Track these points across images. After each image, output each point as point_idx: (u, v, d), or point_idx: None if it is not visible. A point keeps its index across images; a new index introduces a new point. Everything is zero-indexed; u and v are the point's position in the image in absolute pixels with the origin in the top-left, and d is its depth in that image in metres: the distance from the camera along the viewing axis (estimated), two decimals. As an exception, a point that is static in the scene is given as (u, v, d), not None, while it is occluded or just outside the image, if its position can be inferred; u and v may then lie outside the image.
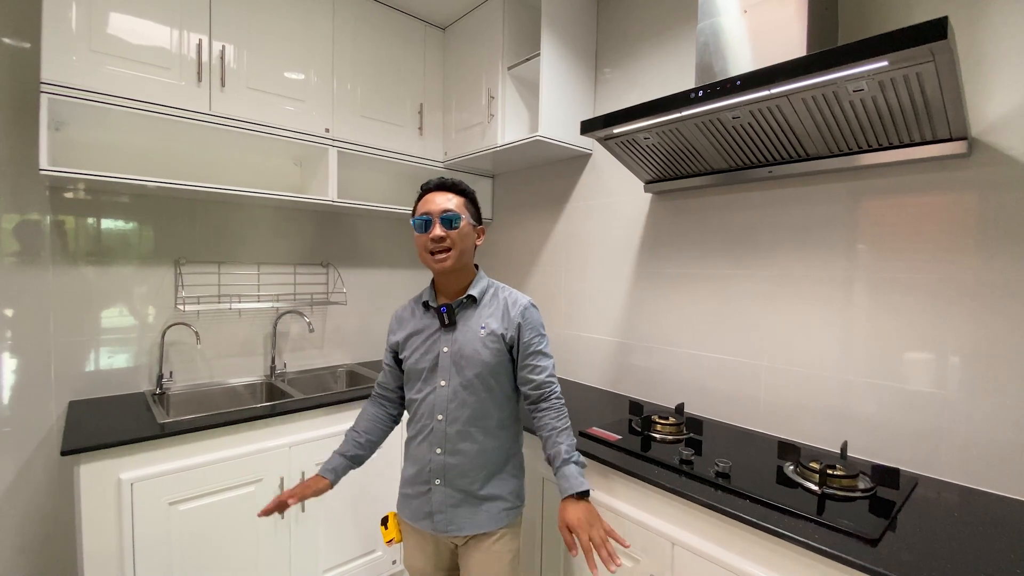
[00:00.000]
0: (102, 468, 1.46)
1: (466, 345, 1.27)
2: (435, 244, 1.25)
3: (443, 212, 1.25)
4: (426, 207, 1.27)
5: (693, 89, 1.34)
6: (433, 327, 1.31)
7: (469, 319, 1.30)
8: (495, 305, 1.33)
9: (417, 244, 1.30)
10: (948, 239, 1.33)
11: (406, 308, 1.40)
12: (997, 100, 1.25)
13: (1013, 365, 1.23)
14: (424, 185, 1.32)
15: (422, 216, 1.27)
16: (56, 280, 1.83)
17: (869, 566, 0.93)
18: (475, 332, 1.28)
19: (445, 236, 1.24)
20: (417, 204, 1.32)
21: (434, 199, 1.28)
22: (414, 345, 1.32)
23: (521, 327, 1.30)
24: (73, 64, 1.57)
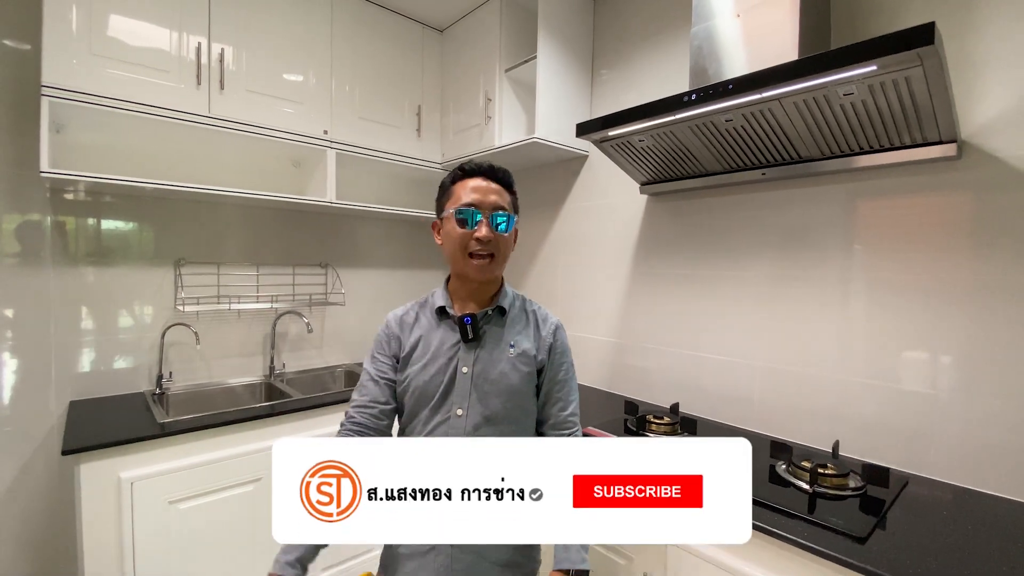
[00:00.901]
0: (102, 467, 1.48)
1: (491, 366, 1.04)
2: (480, 246, 1.02)
3: (495, 209, 1.03)
4: (473, 196, 1.02)
5: (686, 92, 1.35)
6: (450, 340, 1.06)
7: (496, 335, 1.08)
8: (523, 320, 1.13)
9: (451, 240, 1.05)
10: (940, 240, 1.34)
11: (408, 312, 1.13)
12: (986, 103, 1.27)
13: (1005, 365, 1.25)
14: (466, 166, 1.07)
15: (467, 207, 1.02)
16: (57, 281, 1.85)
17: (857, 563, 0.94)
18: (503, 351, 1.06)
19: (493, 238, 1.03)
20: (453, 187, 1.06)
21: (483, 188, 1.04)
22: (423, 359, 1.06)
23: (552, 350, 1.12)
24: (74, 67, 1.59)
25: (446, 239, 1.07)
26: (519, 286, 2.65)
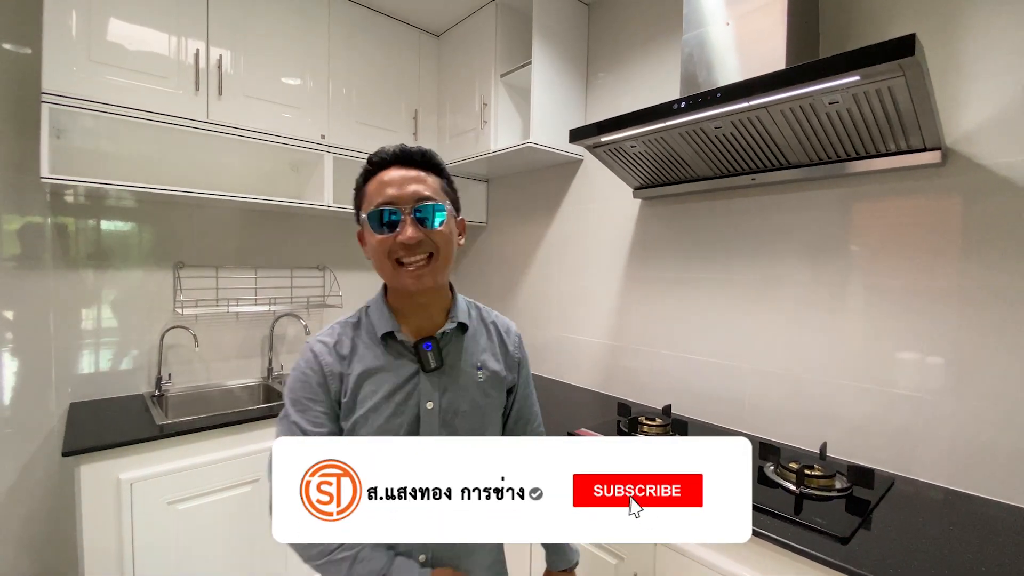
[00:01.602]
0: (102, 468, 1.50)
1: (460, 395, 0.90)
2: (408, 252, 0.85)
3: (417, 201, 0.85)
4: (388, 193, 0.84)
5: (676, 100, 1.38)
6: (405, 370, 0.88)
7: (459, 357, 0.92)
8: (484, 333, 0.98)
9: (373, 251, 0.87)
10: (927, 245, 1.36)
11: (341, 341, 0.90)
12: (970, 111, 1.29)
13: (992, 368, 1.27)
14: (374, 157, 0.88)
15: (383, 207, 0.84)
16: (57, 283, 1.87)
17: (838, 563, 0.97)
18: (470, 376, 0.92)
19: (424, 238, 0.84)
20: (366, 187, 0.88)
21: (399, 179, 0.85)
22: (373, 398, 0.86)
23: (521, 366, 1.01)
24: (73, 74, 1.61)
25: (368, 250, 0.89)
26: (515, 288, 2.68)
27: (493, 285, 2.83)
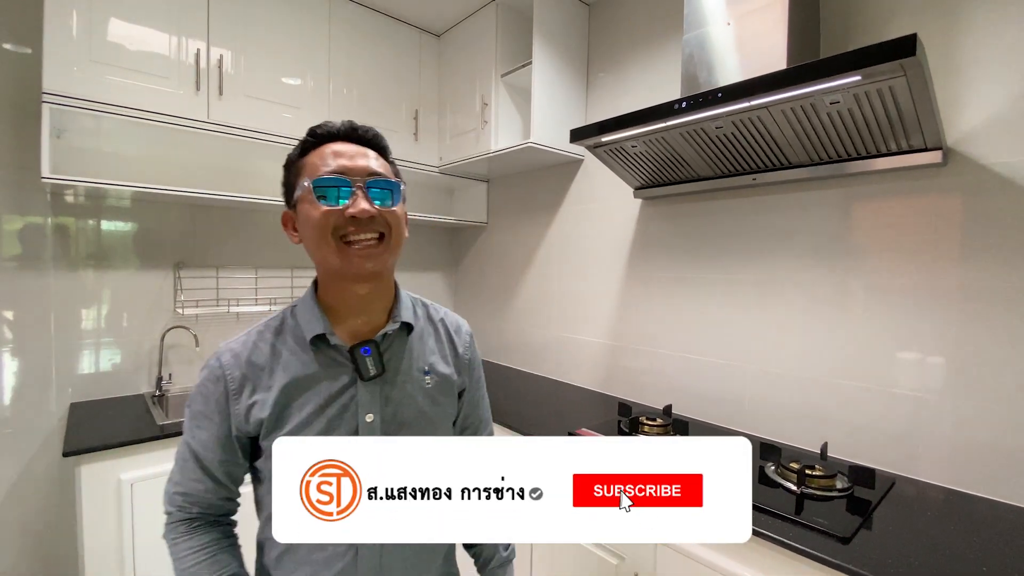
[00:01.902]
0: (103, 469, 1.50)
1: (405, 404, 0.81)
2: (358, 228, 0.73)
3: (370, 176, 0.75)
4: (337, 163, 0.74)
5: (677, 100, 1.38)
6: (339, 378, 0.78)
7: (403, 361, 0.82)
8: (431, 332, 0.88)
9: (312, 227, 0.74)
10: (929, 245, 1.36)
11: (258, 349, 0.78)
12: (971, 111, 1.29)
13: (993, 368, 1.26)
14: (319, 130, 0.78)
15: (331, 177, 0.73)
16: (57, 283, 1.87)
17: (839, 563, 0.97)
18: (416, 381, 0.83)
19: (377, 215, 0.74)
20: (304, 159, 0.78)
21: (349, 152, 0.76)
22: (301, 413, 0.75)
23: (471, 366, 0.93)
24: (74, 75, 1.61)
25: (305, 228, 0.76)
26: (517, 288, 2.68)
27: (493, 285, 2.83)
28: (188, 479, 0.79)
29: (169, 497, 0.80)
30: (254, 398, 0.75)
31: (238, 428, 0.76)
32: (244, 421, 0.76)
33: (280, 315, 0.82)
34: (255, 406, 0.75)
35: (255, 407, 0.75)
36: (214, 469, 0.78)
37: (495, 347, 2.83)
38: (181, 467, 0.80)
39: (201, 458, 0.77)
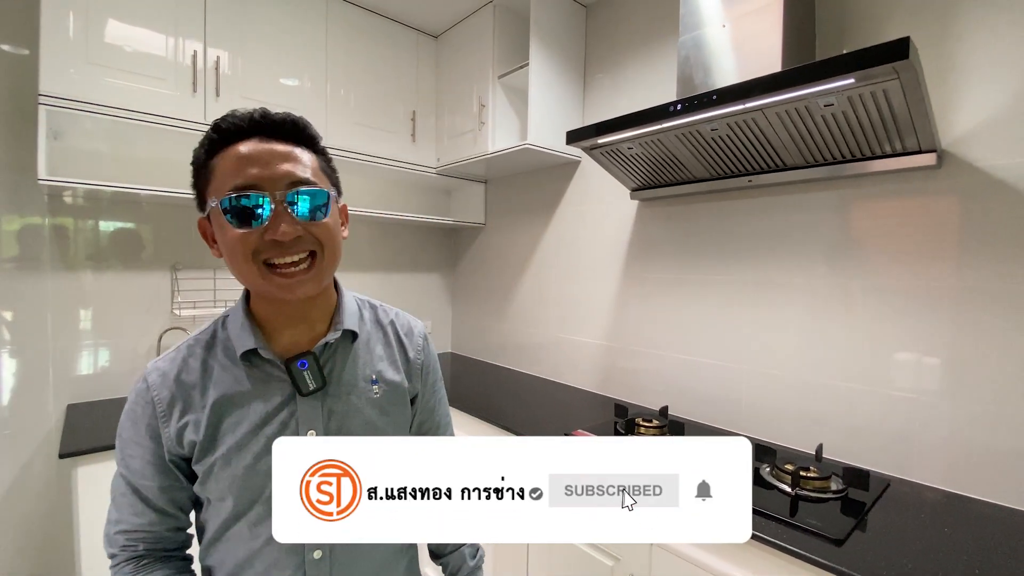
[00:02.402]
0: (100, 470, 1.49)
1: (352, 418, 0.76)
2: (281, 252, 0.66)
3: (292, 185, 0.65)
4: (248, 172, 0.63)
5: (672, 102, 1.38)
6: (276, 394, 0.72)
7: (347, 370, 0.77)
8: (379, 338, 0.83)
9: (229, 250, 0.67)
10: (925, 247, 1.37)
11: (188, 366, 0.72)
12: (965, 114, 1.30)
13: (990, 370, 1.27)
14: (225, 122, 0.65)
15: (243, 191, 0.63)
16: (55, 284, 1.87)
17: (832, 565, 0.97)
18: (362, 392, 0.78)
19: (303, 234, 0.66)
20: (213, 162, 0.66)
21: (262, 155, 0.65)
22: (237, 433, 0.70)
23: (425, 371, 0.87)
24: (71, 76, 1.61)
25: (223, 248, 0.68)
26: (514, 289, 2.68)
27: (491, 286, 2.83)
28: (128, 514, 0.72)
29: (110, 539, 0.73)
30: (185, 419, 0.70)
31: (171, 452, 0.70)
32: (177, 444, 0.70)
33: (211, 327, 0.76)
34: (187, 427, 0.69)
35: (187, 428, 0.69)
36: (155, 498, 0.71)
37: (492, 347, 2.83)
38: (118, 503, 0.73)
39: (139, 488, 0.71)
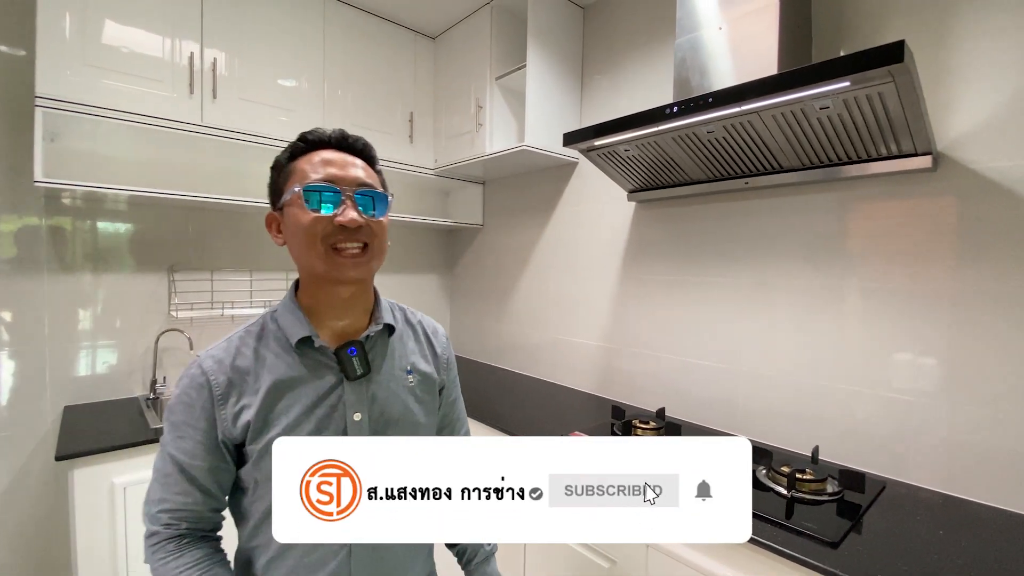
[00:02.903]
0: (96, 473, 1.50)
1: (390, 403, 0.84)
2: (347, 236, 0.76)
3: (360, 187, 0.78)
4: (328, 171, 0.77)
5: (668, 105, 1.38)
6: (325, 379, 0.80)
7: (387, 361, 0.86)
8: (410, 334, 0.92)
9: (300, 232, 0.76)
10: (921, 249, 1.37)
11: (240, 352, 0.79)
12: (960, 116, 1.30)
13: (986, 371, 1.27)
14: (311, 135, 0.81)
15: (321, 184, 0.76)
16: (51, 286, 1.87)
17: (827, 568, 0.97)
18: (400, 380, 0.86)
19: (363, 223, 0.77)
20: (294, 164, 0.80)
21: (339, 161, 0.78)
22: (288, 414, 0.77)
23: (448, 367, 0.97)
24: (67, 78, 1.60)
25: (292, 232, 0.78)
26: (512, 290, 2.69)
27: (489, 287, 2.83)
28: (174, 493, 0.76)
29: (152, 517, 0.77)
30: (241, 403, 0.76)
31: (225, 434, 0.76)
32: (232, 426, 0.76)
33: (260, 320, 0.83)
34: (243, 411, 0.76)
35: (243, 412, 0.76)
36: (203, 479, 0.76)
37: (490, 349, 2.83)
38: (163, 482, 0.77)
39: (187, 468, 0.76)
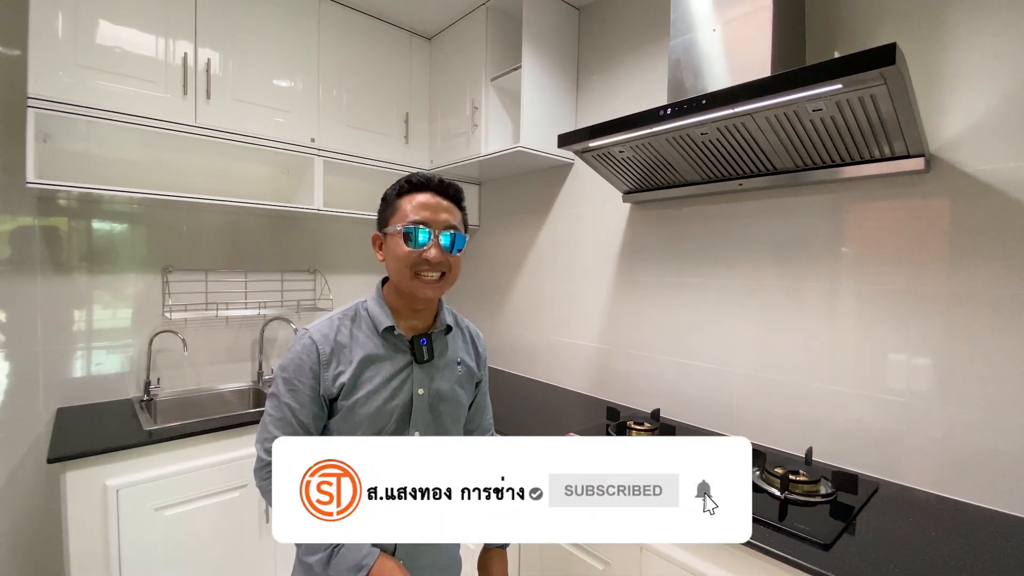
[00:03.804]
0: (88, 475, 1.49)
1: (444, 385, 1.05)
2: (429, 268, 0.97)
3: (447, 228, 0.98)
4: (424, 214, 0.97)
5: (662, 107, 1.39)
6: (400, 360, 1.01)
7: (444, 353, 1.07)
8: (460, 336, 1.15)
9: (396, 259, 0.98)
10: (915, 251, 1.37)
11: (339, 330, 1.01)
12: (952, 118, 1.31)
13: (979, 372, 1.27)
14: (414, 179, 1.01)
15: (416, 225, 0.96)
16: (44, 287, 1.85)
17: (820, 570, 0.97)
18: (452, 368, 1.08)
19: (443, 260, 0.97)
20: (399, 201, 1.00)
21: (433, 205, 0.98)
22: (372, 382, 0.97)
23: (484, 363, 1.20)
24: (60, 79, 1.59)
25: (391, 256, 1.00)
26: (508, 291, 2.69)
27: (485, 287, 2.83)
28: (283, 432, 0.95)
29: (266, 449, 0.94)
30: (339, 368, 0.97)
31: (325, 390, 0.96)
32: (331, 384, 0.96)
33: (354, 308, 1.06)
34: (340, 374, 0.96)
35: (340, 375, 0.96)
36: (308, 422, 0.96)
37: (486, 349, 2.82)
38: (276, 424, 0.96)
39: (297, 413, 0.95)
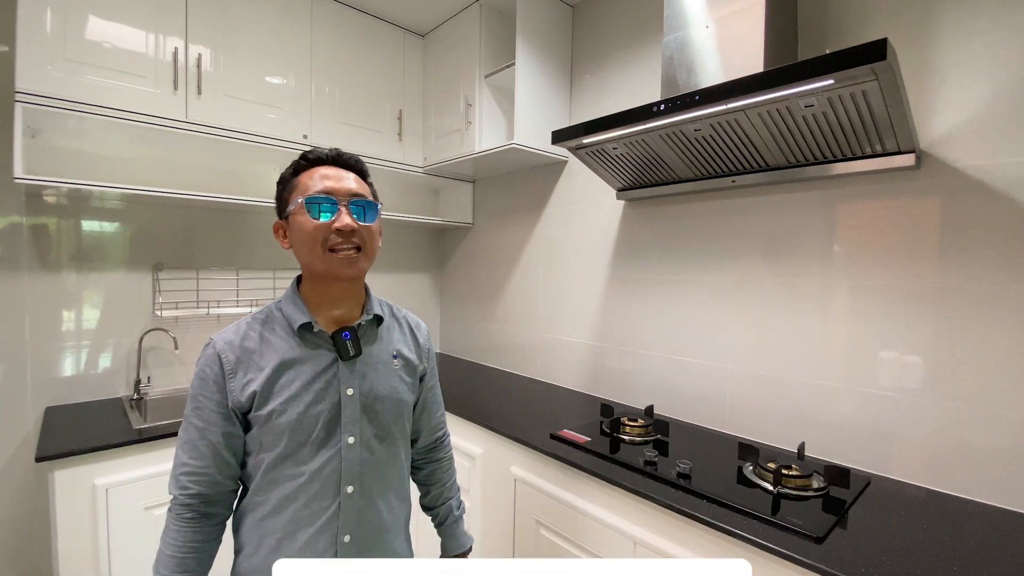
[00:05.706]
0: (76, 474, 1.48)
1: (379, 382, 0.97)
2: (342, 238, 0.89)
3: (353, 197, 0.92)
4: (326, 184, 0.90)
5: (655, 103, 1.38)
6: (323, 360, 0.92)
7: (376, 346, 0.99)
8: (396, 326, 1.06)
9: (303, 236, 0.89)
10: (906, 247, 1.37)
11: (247, 335, 0.92)
12: (943, 115, 1.31)
13: (970, 367, 1.28)
14: (309, 155, 0.95)
15: (321, 196, 0.89)
16: (33, 285, 1.84)
17: (811, 562, 0.97)
18: (387, 362, 0.99)
19: (356, 228, 0.90)
20: (297, 178, 0.93)
21: (335, 174, 0.92)
22: (290, 387, 0.89)
23: (428, 356, 1.11)
24: (48, 73, 1.58)
25: (297, 237, 0.91)
26: (502, 288, 2.68)
27: (479, 285, 2.83)
28: (191, 457, 0.88)
29: (175, 479, 0.89)
30: (248, 377, 0.88)
31: (234, 402, 0.88)
32: (239, 395, 0.87)
33: (266, 309, 0.97)
34: (249, 383, 0.88)
35: (249, 383, 0.88)
36: (218, 443, 0.88)
37: (481, 348, 2.83)
38: (185, 448, 0.89)
39: (206, 433, 0.88)
